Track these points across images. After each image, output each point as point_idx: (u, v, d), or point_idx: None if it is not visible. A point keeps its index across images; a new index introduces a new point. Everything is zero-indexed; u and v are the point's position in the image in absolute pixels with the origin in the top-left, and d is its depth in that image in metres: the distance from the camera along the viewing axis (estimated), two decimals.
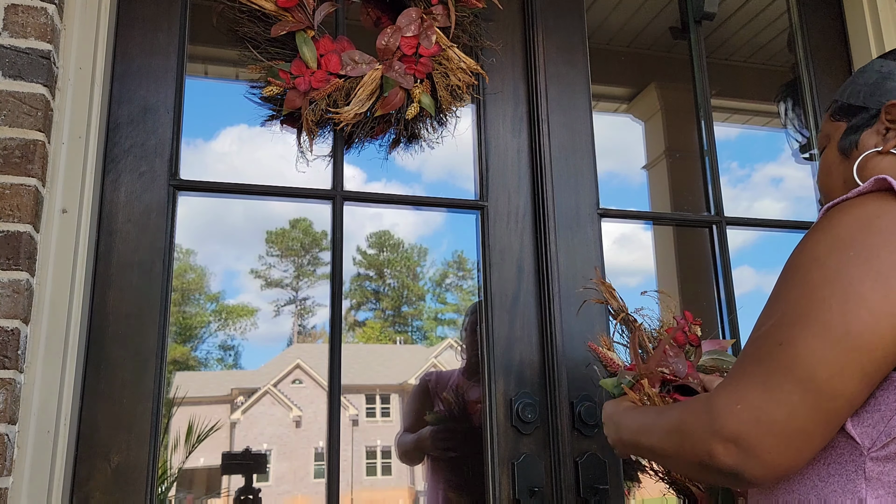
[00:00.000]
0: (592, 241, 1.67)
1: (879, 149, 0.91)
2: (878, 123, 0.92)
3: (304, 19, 1.49)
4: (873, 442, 0.73)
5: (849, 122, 0.96)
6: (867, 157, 0.92)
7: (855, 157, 0.94)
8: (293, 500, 14.24)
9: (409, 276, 17.23)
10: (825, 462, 0.77)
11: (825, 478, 0.77)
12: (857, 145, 0.94)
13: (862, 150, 0.93)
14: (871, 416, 0.73)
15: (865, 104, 0.95)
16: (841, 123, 0.98)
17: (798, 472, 0.78)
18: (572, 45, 1.79)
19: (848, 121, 0.97)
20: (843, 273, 0.71)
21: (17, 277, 1.19)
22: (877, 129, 0.92)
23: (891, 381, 0.72)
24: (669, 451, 0.81)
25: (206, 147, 4.09)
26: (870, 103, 0.94)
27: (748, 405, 0.71)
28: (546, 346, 1.56)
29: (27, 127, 1.26)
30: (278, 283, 17.69)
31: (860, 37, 2.01)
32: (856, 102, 0.96)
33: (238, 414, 14.57)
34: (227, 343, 17.44)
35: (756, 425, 0.70)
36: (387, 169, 1.67)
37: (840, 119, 0.98)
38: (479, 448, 1.53)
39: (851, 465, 0.75)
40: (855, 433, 0.74)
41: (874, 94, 0.94)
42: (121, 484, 1.31)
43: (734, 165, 3.11)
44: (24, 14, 1.30)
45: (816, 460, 0.77)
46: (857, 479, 0.74)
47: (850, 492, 0.74)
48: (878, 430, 0.73)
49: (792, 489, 0.79)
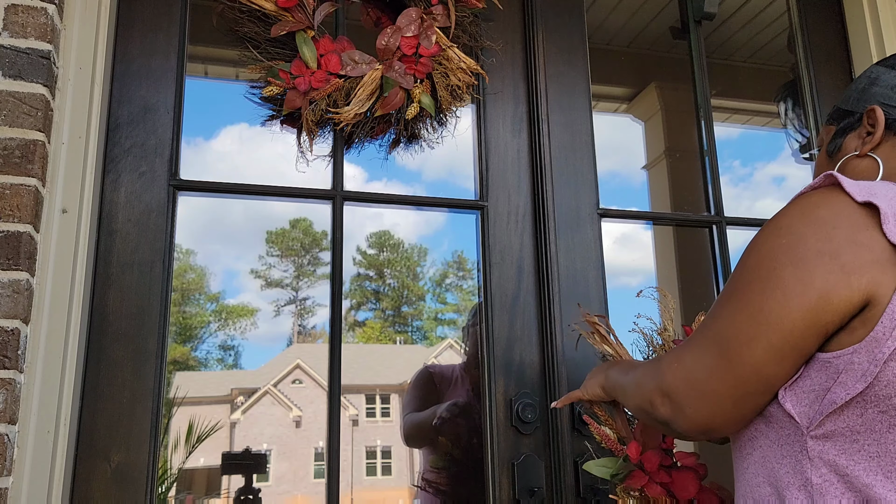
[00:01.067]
0: (592, 241, 1.67)
1: (857, 152, 0.94)
2: (860, 127, 0.95)
3: (304, 19, 1.49)
4: (810, 421, 0.76)
5: (837, 125, 0.99)
6: (848, 160, 0.95)
7: (838, 160, 0.97)
8: (293, 500, 14.24)
9: (409, 276, 17.22)
10: (778, 444, 0.80)
11: (779, 459, 0.80)
12: (841, 148, 0.97)
13: (844, 153, 0.96)
14: (807, 396, 0.76)
15: (853, 108, 0.97)
16: (832, 127, 1.01)
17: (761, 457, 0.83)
18: (572, 45, 1.79)
19: (837, 124, 1.00)
20: (770, 258, 0.77)
21: (17, 277, 1.19)
22: (859, 133, 0.95)
23: (819, 361, 0.76)
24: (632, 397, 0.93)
25: (206, 147, 4.07)
26: (856, 108, 0.96)
27: (682, 365, 0.82)
28: (546, 346, 1.56)
29: (27, 127, 1.25)
30: (278, 283, 17.67)
31: (860, 37, 2.00)
32: (845, 107, 0.99)
33: (238, 414, 14.56)
34: (227, 343, 17.43)
35: (684, 383, 0.81)
36: (388, 168, 1.67)
37: (832, 123, 1.02)
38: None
39: (797, 444, 0.78)
40: (794, 412, 0.77)
41: (861, 98, 0.96)
42: (121, 484, 1.31)
43: (736, 164, 3.11)
44: (24, 14, 1.30)
45: (772, 442, 0.81)
46: (803, 459, 0.77)
47: (798, 472, 0.78)
48: (814, 409, 0.76)
49: (757, 472, 0.83)
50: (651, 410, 0.85)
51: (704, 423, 0.80)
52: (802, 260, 0.75)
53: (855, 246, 0.73)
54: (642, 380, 0.89)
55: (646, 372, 0.89)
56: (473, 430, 2.09)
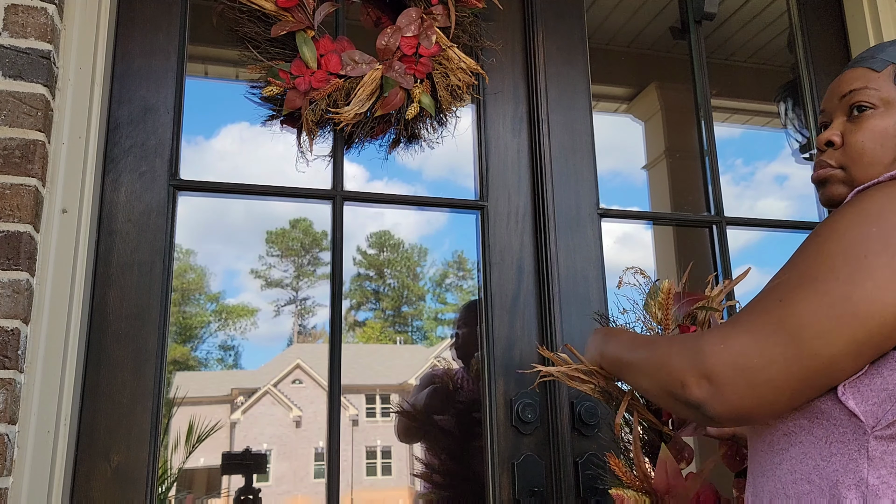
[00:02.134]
0: (592, 241, 1.67)
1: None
2: None
3: (304, 19, 1.49)
4: (878, 420, 0.73)
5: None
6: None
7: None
8: (293, 500, 14.24)
9: (410, 276, 17.22)
10: (827, 441, 0.76)
11: (827, 457, 0.76)
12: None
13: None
14: (877, 395, 0.73)
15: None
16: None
17: (801, 453, 0.78)
18: (572, 45, 1.79)
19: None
20: (859, 245, 0.71)
21: (17, 277, 1.19)
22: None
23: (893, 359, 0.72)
24: (650, 374, 0.85)
25: (206, 147, 4.09)
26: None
27: (731, 347, 0.74)
28: (546, 346, 1.56)
29: (27, 127, 1.25)
30: (278, 283, 17.68)
31: (860, 37, 2.00)
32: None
33: (238, 414, 14.57)
34: (227, 343, 17.44)
35: (732, 367, 0.73)
36: (389, 168, 1.67)
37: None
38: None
39: (854, 443, 0.74)
40: (859, 411, 0.73)
41: None
42: (121, 484, 1.31)
43: (737, 163, 3.12)
44: (24, 14, 1.30)
45: (817, 439, 0.77)
46: (860, 459, 0.74)
47: (852, 471, 0.74)
48: (884, 408, 0.72)
49: (794, 469, 0.79)
50: (678, 391, 0.77)
51: (747, 411, 0.74)
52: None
53: None
54: (669, 357, 0.81)
55: (674, 349, 0.81)
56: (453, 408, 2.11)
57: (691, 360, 0.77)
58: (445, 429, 2.23)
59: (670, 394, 0.79)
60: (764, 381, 0.72)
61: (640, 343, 0.92)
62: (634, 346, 0.93)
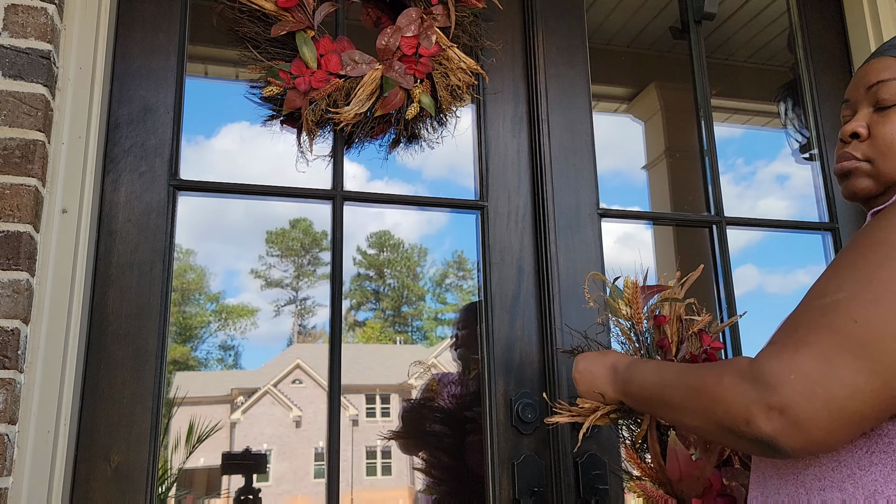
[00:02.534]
0: (592, 241, 1.67)
1: None
2: None
3: (304, 19, 1.49)
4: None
5: None
6: None
7: None
8: (293, 500, 14.24)
9: (410, 276, 17.22)
10: (868, 450, 0.73)
11: (865, 466, 0.73)
12: None
13: None
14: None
15: None
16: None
17: (833, 460, 0.75)
18: (572, 45, 1.79)
19: None
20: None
21: (17, 277, 1.19)
22: None
23: None
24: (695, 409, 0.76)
25: (206, 147, 4.07)
26: None
27: (805, 377, 0.66)
28: (546, 346, 1.56)
29: (27, 127, 1.25)
30: (278, 283, 17.67)
31: (860, 37, 2.00)
32: None
33: (238, 414, 14.56)
34: (227, 343, 17.43)
35: (810, 399, 0.65)
36: (389, 167, 1.67)
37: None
38: None
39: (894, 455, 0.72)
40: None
41: None
42: (121, 484, 1.31)
43: (738, 162, 3.11)
44: (24, 14, 1.30)
45: (857, 447, 0.74)
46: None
47: (894, 482, 0.71)
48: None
49: (823, 475, 0.76)
50: (742, 428, 0.69)
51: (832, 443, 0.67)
52: None
53: None
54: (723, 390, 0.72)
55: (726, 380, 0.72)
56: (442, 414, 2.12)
57: (756, 394, 0.68)
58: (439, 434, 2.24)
59: (730, 431, 0.71)
60: (851, 413, 0.65)
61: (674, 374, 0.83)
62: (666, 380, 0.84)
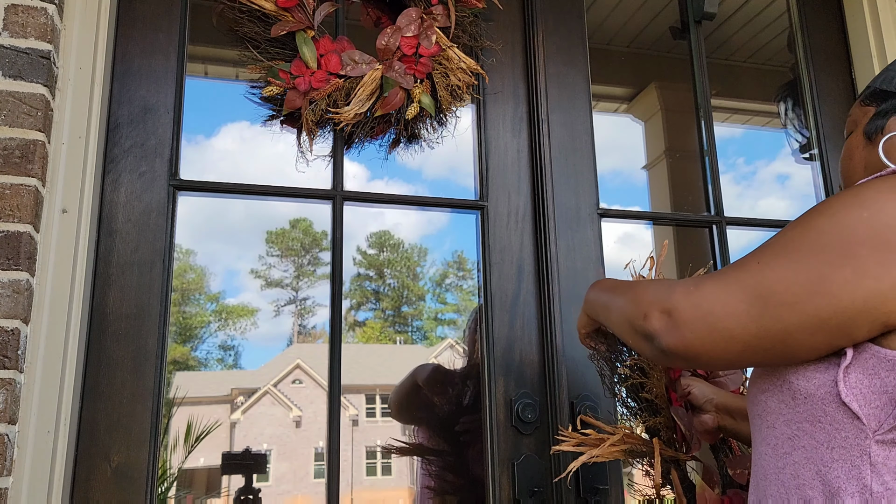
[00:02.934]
0: (592, 241, 1.67)
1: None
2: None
3: (304, 19, 1.49)
4: (880, 424, 0.72)
5: (878, 106, 0.96)
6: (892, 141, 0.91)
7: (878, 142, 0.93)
8: (293, 500, 14.24)
9: (409, 276, 17.22)
10: (829, 446, 0.76)
11: (829, 462, 0.76)
12: (883, 129, 0.94)
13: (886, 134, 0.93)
14: (879, 398, 0.73)
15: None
16: (870, 108, 0.98)
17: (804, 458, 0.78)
18: (572, 45, 1.79)
19: (877, 105, 0.96)
20: (847, 228, 0.73)
21: (17, 277, 1.19)
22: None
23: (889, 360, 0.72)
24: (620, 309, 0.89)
25: (206, 147, 4.07)
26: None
27: (700, 293, 0.77)
28: (546, 346, 1.56)
29: (27, 127, 1.25)
30: (278, 283, 17.67)
31: (860, 37, 2.00)
32: (888, 88, 0.96)
33: (238, 414, 14.56)
34: (227, 343, 17.43)
35: (694, 307, 0.77)
36: (390, 167, 1.67)
37: (870, 104, 0.98)
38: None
39: (856, 448, 0.74)
40: (862, 413, 0.73)
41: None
42: (121, 484, 1.31)
43: (740, 161, 3.12)
44: (24, 14, 1.30)
45: (820, 444, 0.76)
46: (862, 465, 0.73)
47: (855, 477, 0.73)
48: (886, 412, 0.72)
49: (798, 473, 0.79)
50: (639, 321, 0.81)
51: (695, 352, 0.77)
52: (887, 243, 0.71)
53: None
54: (645, 292, 0.85)
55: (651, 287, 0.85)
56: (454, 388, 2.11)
57: (660, 296, 0.80)
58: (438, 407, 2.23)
59: (631, 323, 0.84)
60: (721, 329, 0.75)
61: (623, 285, 0.97)
62: (616, 288, 0.96)
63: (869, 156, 0.96)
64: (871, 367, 0.73)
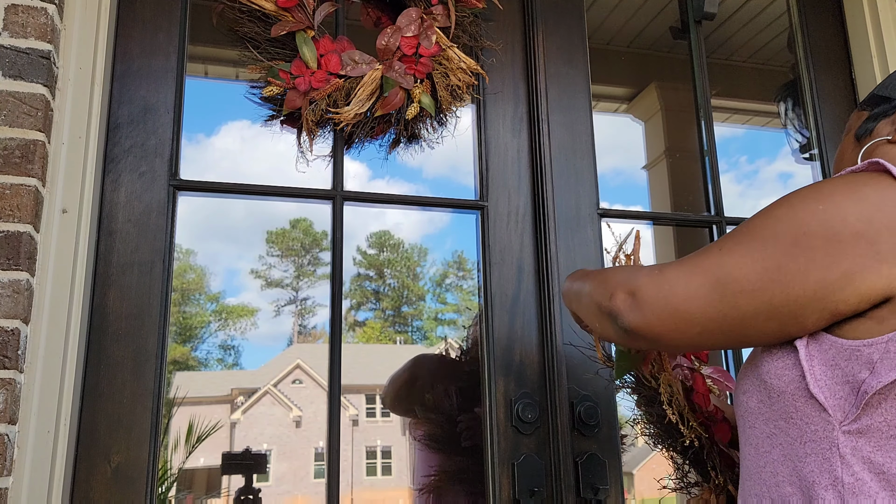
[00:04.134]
0: (592, 241, 1.67)
1: (889, 137, 0.92)
2: (894, 114, 0.93)
3: (304, 19, 1.49)
4: (845, 415, 0.74)
5: (871, 111, 0.98)
6: (876, 145, 0.93)
7: (865, 143, 0.95)
8: (293, 500, 14.25)
9: (410, 276, 17.21)
10: (802, 440, 0.77)
11: (803, 457, 0.77)
12: (872, 133, 0.96)
13: (874, 137, 0.94)
14: (841, 388, 0.74)
15: (891, 95, 0.96)
16: (864, 112, 0.99)
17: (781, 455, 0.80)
18: (572, 45, 1.79)
19: (870, 110, 0.98)
20: (803, 220, 0.76)
21: (17, 277, 1.19)
22: (892, 119, 0.93)
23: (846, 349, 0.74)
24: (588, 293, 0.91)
25: (207, 147, 4.08)
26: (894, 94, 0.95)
27: (663, 276, 0.80)
28: (546, 346, 1.56)
29: (27, 127, 1.25)
30: (278, 283, 17.67)
31: (860, 37, 2.00)
32: (883, 93, 0.97)
33: (238, 414, 14.57)
34: (227, 343, 17.43)
35: (656, 289, 0.79)
36: (390, 166, 1.67)
37: (864, 108, 1.00)
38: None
39: (826, 441, 0.75)
40: (828, 405, 0.75)
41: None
42: (121, 484, 1.31)
43: (742, 160, 3.13)
44: (24, 14, 1.30)
45: (794, 440, 0.78)
46: (832, 457, 0.75)
47: (827, 470, 0.75)
48: (849, 402, 0.74)
49: (776, 471, 0.81)
50: (606, 302, 0.84)
51: (656, 333, 0.80)
52: (837, 235, 0.73)
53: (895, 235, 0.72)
54: (610, 276, 0.88)
55: (618, 271, 0.89)
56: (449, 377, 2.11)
57: (625, 278, 0.83)
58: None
59: (598, 305, 0.86)
60: (681, 311, 0.78)
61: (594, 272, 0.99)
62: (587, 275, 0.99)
63: (855, 157, 0.97)
64: (831, 358, 0.75)
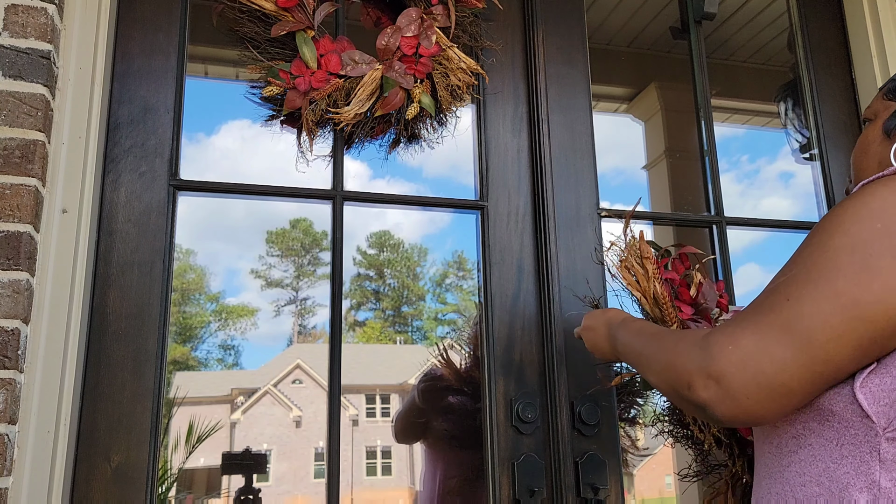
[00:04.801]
0: (592, 241, 1.67)
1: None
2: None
3: (304, 19, 1.49)
4: (889, 421, 0.73)
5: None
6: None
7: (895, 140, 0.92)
8: (293, 500, 14.25)
9: (410, 276, 17.23)
10: (838, 443, 0.76)
11: (838, 459, 0.76)
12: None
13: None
14: (888, 395, 0.73)
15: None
16: (892, 103, 0.96)
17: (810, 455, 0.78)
18: (572, 45, 1.79)
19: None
20: (865, 244, 0.71)
21: (17, 277, 1.19)
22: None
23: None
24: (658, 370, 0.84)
25: (207, 147, 4.10)
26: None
27: (740, 349, 0.72)
28: (546, 346, 1.56)
29: (27, 127, 1.25)
30: (278, 283, 17.68)
31: (860, 37, 2.00)
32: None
33: (238, 414, 14.57)
34: (227, 343, 17.44)
35: (742, 370, 0.71)
36: (391, 166, 1.67)
37: (892, 99, 0.96)
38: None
39: (866, 445, 0.74)
40: (871, 411, 0.73)
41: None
42: (121, 484, 1.31)
43: (743, 159, 3.13)
44: (24, 14, 1.30)
45: (829, 441, 0.77)
46: (872, 461, 0.73)
47: (864, 473, 0.74)
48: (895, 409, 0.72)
49: (803, 471, 0.79)
50: (685, 392, 0.76)
51: (757, 414, 0.72)
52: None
53: None
54: (677, 356, 0.80)
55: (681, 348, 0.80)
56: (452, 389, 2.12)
57: (699, 361, 0.75)
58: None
59: (677, 393, 0.79)
60: (775, 386, 0.71)
61: (649, 336, 0.92)
62: (643, 339, 0.93)
63: (884, 152, 0.94)
64: (884, 366, 0.73)
